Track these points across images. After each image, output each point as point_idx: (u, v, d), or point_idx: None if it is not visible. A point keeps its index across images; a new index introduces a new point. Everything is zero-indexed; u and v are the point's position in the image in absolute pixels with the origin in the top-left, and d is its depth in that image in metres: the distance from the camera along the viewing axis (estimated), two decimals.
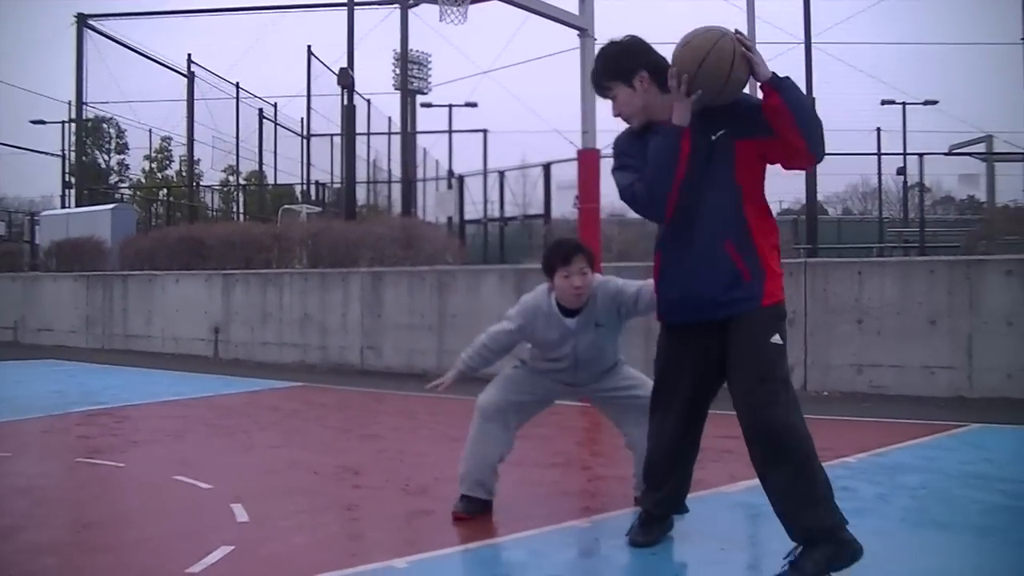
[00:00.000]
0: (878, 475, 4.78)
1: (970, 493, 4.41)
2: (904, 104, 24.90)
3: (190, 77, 22.83)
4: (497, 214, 16.12)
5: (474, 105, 28.28)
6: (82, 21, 21.11)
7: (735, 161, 3.08)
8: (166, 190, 27.27)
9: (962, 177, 20.63)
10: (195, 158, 24.79)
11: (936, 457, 5.37)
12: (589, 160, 8.13)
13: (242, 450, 5.89)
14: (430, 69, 31.56)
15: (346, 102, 17.40)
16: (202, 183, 27.52)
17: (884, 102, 24.53)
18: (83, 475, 5.06)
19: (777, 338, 3.05)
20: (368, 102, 26.11)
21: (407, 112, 21.42)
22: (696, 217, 3.12)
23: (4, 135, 34.04)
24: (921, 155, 15.70)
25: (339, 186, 23.02)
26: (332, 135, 25.04)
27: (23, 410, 7.48)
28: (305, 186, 25.19)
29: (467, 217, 16.43)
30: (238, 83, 25.11)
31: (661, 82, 3.11)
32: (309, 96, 24.59)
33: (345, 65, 17.13)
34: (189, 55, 23.04)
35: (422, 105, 28.65)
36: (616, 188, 3.24)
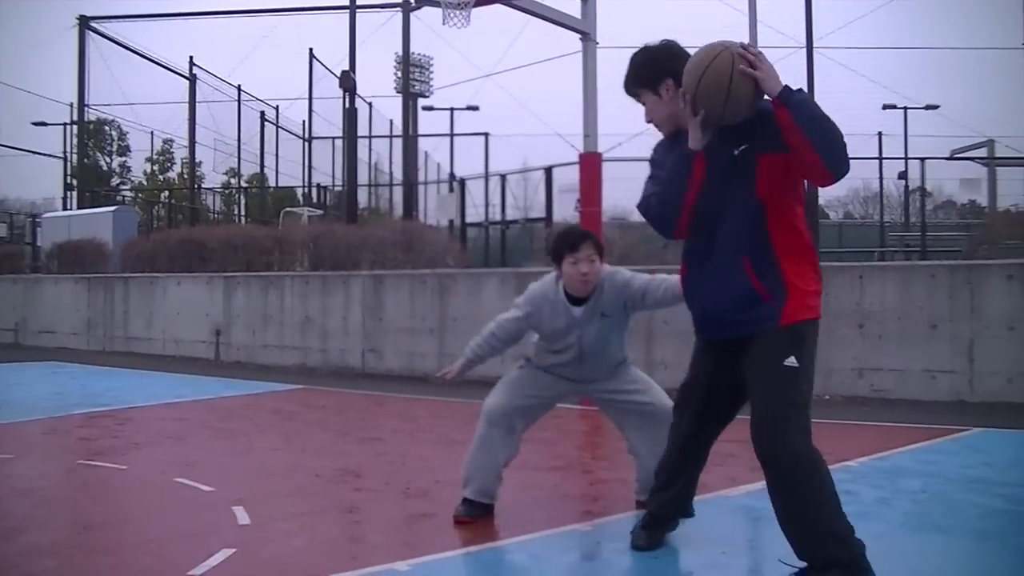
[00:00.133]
0: (879, 479, 4.78)
1: (970, 497, 4.42)
2: (905, 108, 24.90)
3: (192, 79, 22.83)
4: (498, 217, 16.11)
5: (476, 108, 28.28)
6: (84, 23, 21.13)
7: (757, 176, 2.97)
8: (168, 192, 27.27)
9: (963, 182, 20.59)
10: (196, 161, 24.81)
11: (937, 461, 5.36)
12: (591, 164, 8.14)
13: (243, 452, 5.89)
14: (432, 72, 31.64)
15: (348, 105, 17.43)
16: (203, 186, 27.53)
17: (886, 106, 24.54)
18: (84, 477, 5.07)
19: (792, 360, 2.93)
20: (370, 105, 26.15)
21: (409, 115, 21.45)
22: (715, 233, 3.06)
23: (6, 137, 34.01)
24: (923, 159, 15.75)
25: (340, 189, 23.04)
26: (334, 138, 25.05)
27: (24, 412, 7.48)
28: (306, 189, 25.19)
29: (468, 220, 16.41)
30: (240, 86, 25.14)
31: None
32: (311, 99, 24.58)
33: (347, 68, 17.15)
34: (191, 57, 23.04)
35: (424, 108, 28.69)
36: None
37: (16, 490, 4.63)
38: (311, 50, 23.98)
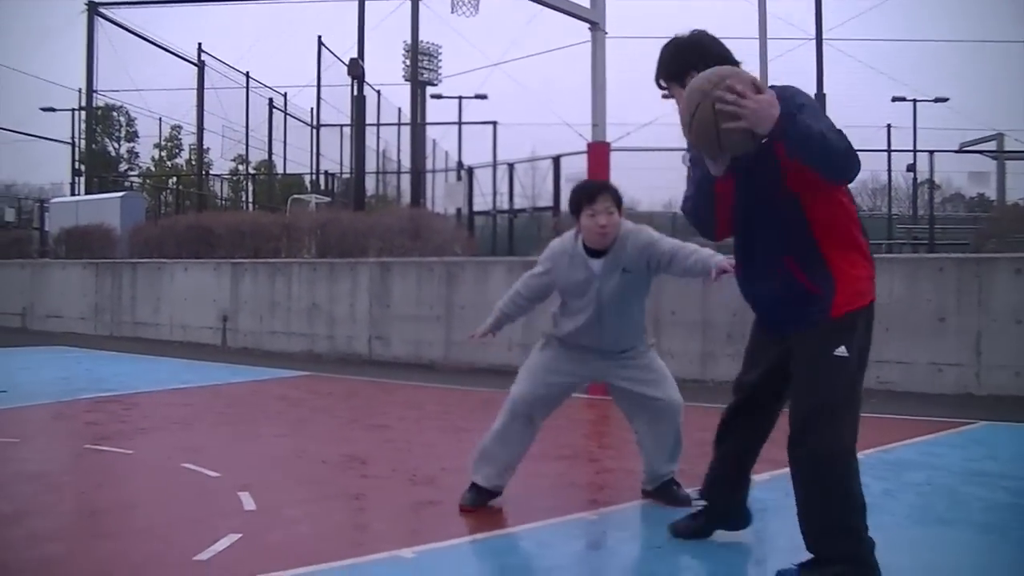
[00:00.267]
0: (884, 471, 4.77)
1: (975, 490, 4.41)
2: (915, 101, 24.84)
3: (200, 66, 22.78)
4: (506, 206, 16.10)
5: (484, 97, 28.18)
6: (93, 9, 21.11)
7: (781, 168, 2.83)
8: (175, 179, 27.27)
9: (972, 175, 20.54)
10: (204, 147, 24.74)
11: (942, 454, 5.36)
12: (599, 153, 8.12)
13: (250, 438, 5.91)
14: (440, 60, 31.61)
15: (356, 93, 17.39)
16: (211, 172, 27.49)
17: (895, 99, 24.48)
18: (91, 462, 5.09)
19: (843, 350, 2.85)
20: (378, 93, 26.06)
21: (417, 103, 21.39)
22: (754, 232, 3.01)
23: (14, 122, 34.22)
24: (931, 152, 15.63)
25: (348, 176, 23.00)
26: (342, 125, 24.98)
27: (31, 396, 7.51)
28: (314, 176, 25.15)
29: (476, 209, 16.41)
30: (248, 72, 25.09)
31: None
32: (319, 86, 24.50)
33: (355, 56, 17.11)
34: (199, 44, 22.98)
35: (432, 96, 28.67)
36: None
37: (23, 474, 4.65)
38: (320, 37, 23.90)
